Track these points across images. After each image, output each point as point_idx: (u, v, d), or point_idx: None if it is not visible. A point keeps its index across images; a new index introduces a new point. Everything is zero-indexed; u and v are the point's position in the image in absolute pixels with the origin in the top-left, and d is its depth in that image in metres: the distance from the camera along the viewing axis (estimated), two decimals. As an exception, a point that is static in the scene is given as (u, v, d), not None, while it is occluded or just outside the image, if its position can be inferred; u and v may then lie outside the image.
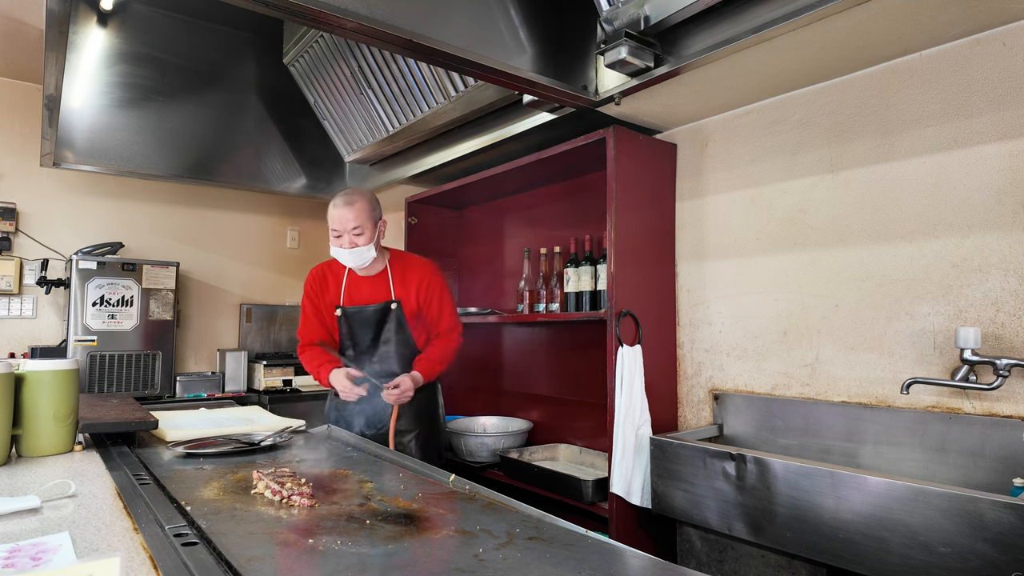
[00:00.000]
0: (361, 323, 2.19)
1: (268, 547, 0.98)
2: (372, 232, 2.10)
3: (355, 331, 2.20)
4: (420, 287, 2.19)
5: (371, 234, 2.09)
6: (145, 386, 3.34)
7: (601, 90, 1.95)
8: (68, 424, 1.61)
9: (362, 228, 2.07)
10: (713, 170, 2.18)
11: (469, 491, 1.33)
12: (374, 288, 2.21)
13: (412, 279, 2.20)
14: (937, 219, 1.65)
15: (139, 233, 3.74)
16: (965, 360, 1.52)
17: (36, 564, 0.87)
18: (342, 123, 2.93)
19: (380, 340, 2.19)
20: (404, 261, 2.25)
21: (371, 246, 2.10)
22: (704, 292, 2.20)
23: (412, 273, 2.21)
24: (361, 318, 2.19)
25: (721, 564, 1.67)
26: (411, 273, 2.21)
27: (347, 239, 2.07)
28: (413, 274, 2.21)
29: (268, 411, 2.30)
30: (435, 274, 2.25)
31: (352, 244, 2.07)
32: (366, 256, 2.11)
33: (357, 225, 2.06)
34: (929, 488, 1.25)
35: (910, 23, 1.53)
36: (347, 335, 2.22)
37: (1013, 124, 1.53)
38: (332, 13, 1.41)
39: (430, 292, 2.20)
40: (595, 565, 0.92)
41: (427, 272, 2.23)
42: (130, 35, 2.93)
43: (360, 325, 2.19)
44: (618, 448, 1.96)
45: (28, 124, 3.41)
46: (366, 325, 2.19)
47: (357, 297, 2.21)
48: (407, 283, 2.20)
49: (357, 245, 2.08)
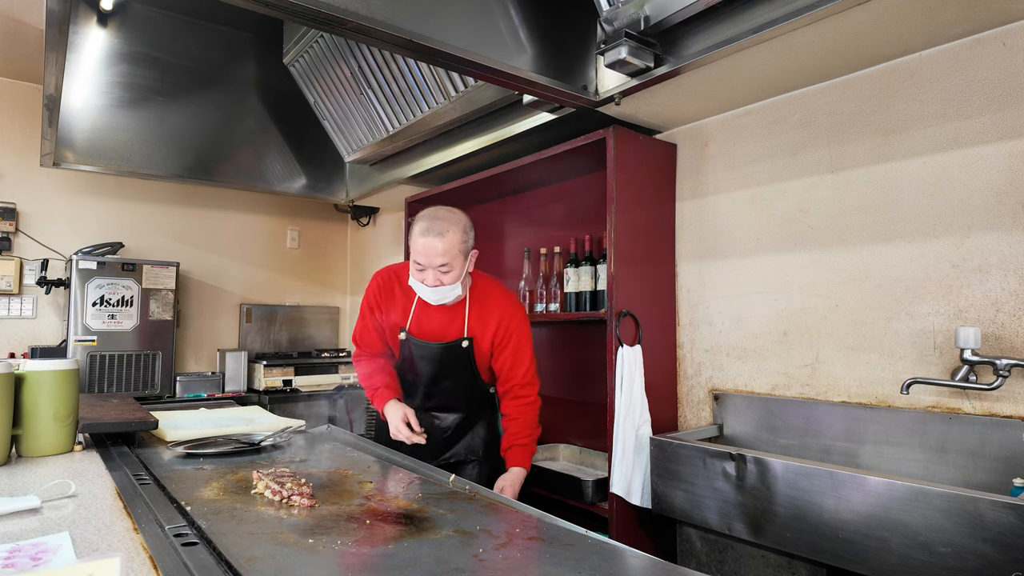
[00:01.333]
0: (425, 355, 1.94)
1: (268, 547, 0.98)
2: (462, 268, 1.80)
3: (416, 361, 1.96)
4: (499, 328, 1.91)
5: (460, 270, 1.80)
6: (145, 386, 3.34)
7: (601, 90, 1.95)
8: (68, 424, 1.61)
9: (451, 265, 1.77)
10: (713, 170, 2.18)
11: (469, 491, 1.33)
12: (447, 320, 1.92)
13: (492, 317, 1.92)
14: (937, 219, 1.65)
15: (139, 233, 3.74)
16: (965, 360, 1.52)
17: (36, 564, 0.87)
18: (342, 123, 2.93)
19: (443, 375, 1.96)
20: (486, 293, 1.96)
21: (459, 284, 1.81)
22: (704, 292, 2.20)
23: (492, 309, 1.93)
24: (426, 351, 1.93)
25: (721, 564, 1.67)
26: (491, 309, 1.93)
27: (431, 275, 1.77)
28: (493, 311, 1.92)
29: (268, 411, 2.30)
30: (516, 314, 1.95)
31: (437, 282, 1.78)
32: (452, 294, 1.82)
33: (446, 262, 1.75)
34: (929, 488, 1.25)
35: (910, 23, 1.53)
36: (407, 361, 1.98)
37: (1013, 124, 1.53)
38: (332, 13, 1.41)
39: (507, 336, 1.92)
40: (595, 565, 0.92)
41: (508, 311, 1.94)
42: (130, 35, 2.93)
43: (423, 357, 1.94)
44: (618, 448, 1.96)
45: (28, 124, 3.41)
46: (430, 358, 1.94)
47: (427, 326, 1.93)
48: (485, 320, 1.92)
49: (443, 284, 1.78)
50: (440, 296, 1.82)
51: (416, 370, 1.97)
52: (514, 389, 1.93)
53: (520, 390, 1.93)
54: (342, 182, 3.72)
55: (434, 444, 1.95)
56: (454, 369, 1.94)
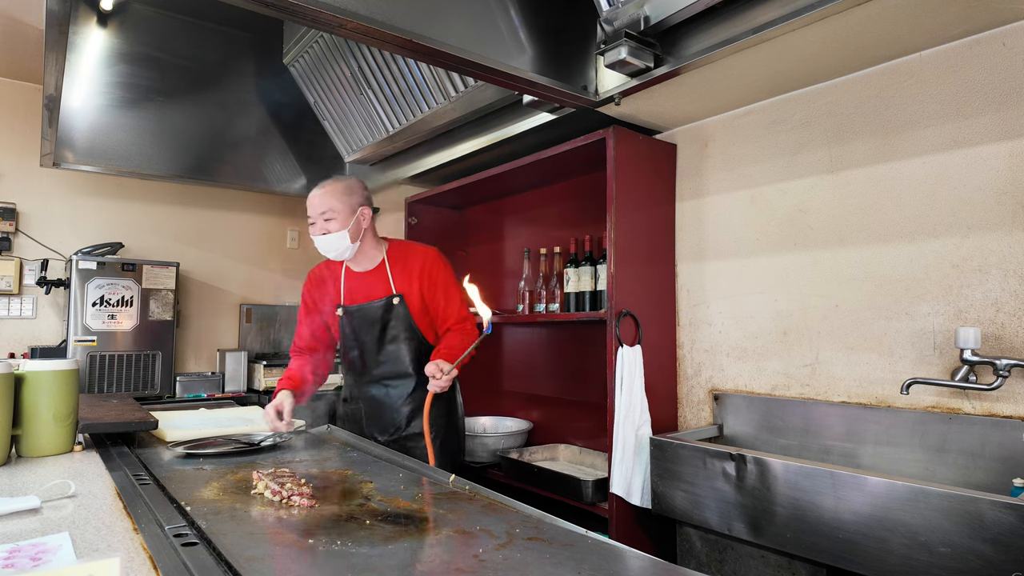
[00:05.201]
0: (363, 322, 2.06)
1: (268, 547, 0.98)
2: (347, 218, 1.96)
3: (358, 331, 2.07)
4: (423, 277, 2.03)
5: (344, 219, 1.95)
6: (145, 386, 3.34)
7: (601, 90, 1.95)
8: (68, 424, 1.61)
9: (332, 212, 1.94)
10: (713, 170, 2.18)
11: (469, 491, 1.33)
12: (372, 283, 2.06)
13: (413, 269, 2.04)
14: (937, 219, 1.65)
15: (139, 233, 3.74)
16: (965, 360, 1.52)
17: (36, 564, 0.87)
18: (342, 123, 2.93)
19: (386, 339, 2.05)
20: (403, 251, 2.10)
21: (345, 233, 1.95)
22: (704, 292, 2.20)
23: (412, 263, 2.05)
24: (363, 317, 2.05)
25: (721, 564, 1.67)
26: (411, 263, 2.05)
27: (319, 225, 1.95)
28: (413, 264, 2.05)
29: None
30: (437, 262, 2.07)
31: (323, 231, 1.95)
32: (340, 245, 1.97)
33: (326, 209, 1.94)
34: (929, 488, 1.25)
35: (910, 23, 1.53)
36: (351, 336, 2.09)
37: (1013, 124, 1.53)
38: (332, 13, 1.41)
39: (433, 282, 2.03)
40: (595, 565, 0.92)
41: (428, 260, 2.06)
42: (130, 35, 2.92)
43: (363, 325, 2.06)
44: (618, 448, 1.96)
45: (28, 124, 3.41)
46: (369, 324, 2.05)
47: (357, 295, 2.08)
48: (408, 274, 2.04)
49: (329, 232, 1.95)
50: (328, 244, 1.97)
51: (359, 339, 2.08)
52: (453, 328, 2.05)
53: (457, 325, 2.05)
54: (342, 182, 3.72)
55: (394, 414, 2.04)
56: (393, 328, 2.04)
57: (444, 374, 1.78)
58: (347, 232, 1.96)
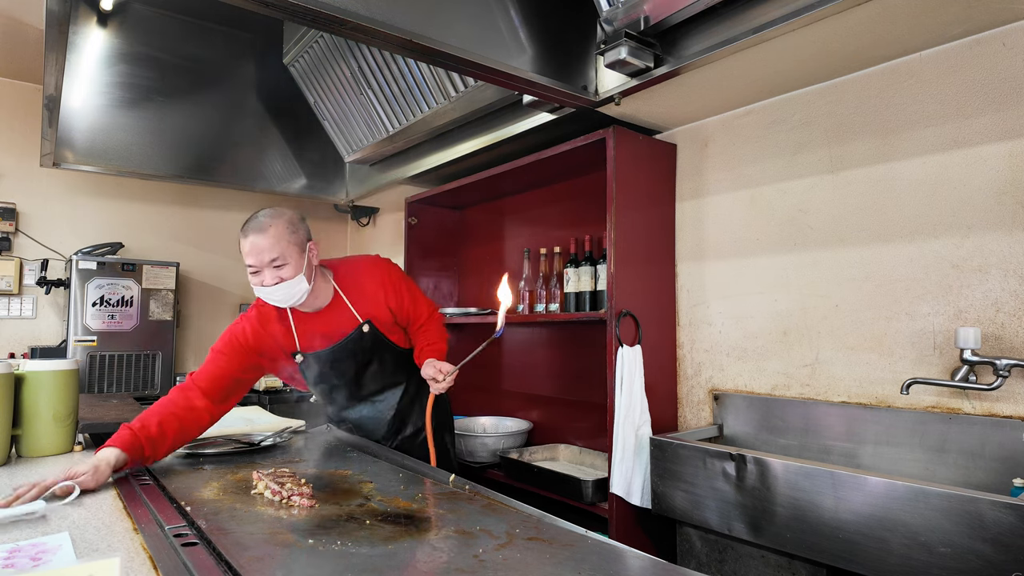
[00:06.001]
0: (337, 360, 1.85)
1: (268, 547, 0.98)
2: (299, 260, 1.66)
3: (333, 368, 1.87)
4: (386, 292, 1.87)
5: (298, 262, 1.65)
6: (145, 386, 3.33)
7: (601, 90, 1.95)
8: (68, 424, 1.61)
9: (283, 257, 1.62)
10: (713, 170, 2.18)
11: (469, 491, 1.33)
12: (330, 320, 1.82)
13: (368, 289, 1.86)
14: (937, 219, 1.65)
15: (139, 233, 3.74)
16: (965, 360, 1.52)
17: (36, 564, 0.87)
18: (342, 123, 2.93)
19: (366, 365, 1.90)
20: (351, 274, 1.88)
21: (301, 278, 1.66)
22: (704, 292, 2.20)
23: (366, 282, 1.87)
24: (335, 356, 1.84)
25: (721, 564, 1.67)
26: (364, 283, 1.87)
27: (269, 275, 1.62)
28: (367, 283, 1.87)
29: (268, 411, 2.30)
30: (391, 271, 1.93)
31: (276, 279, 1.63)
32: (298, 291, 1.68)
33: (276, 256, 1.61)
34: (929, 488, 1.25)
35: (910, 23, 1.53)
36: (322, 374, 1.87)
37: (1013, 124, 1.53)
38: (332, 13, 1.41)
39: (398, 291, 1.89)
40: (595, 565, 0.92)
41: (382, 273, 1.90)
42: (130, 35, 2.92)
43: (336, 362, 1.86)
44: (618, 448, 1.96)
45: (28, 124, 3.41)
46: (345, 359, 1.86)
47: (316, 337, 1.82)
48: (366, 296, 1.85)
49: (283, 279, 1.63)
50: (285, 294, 1.66)
51: (337, 372, 1.88)
52: (425, 323, 1.97)
53: (428, 322, 1.97)
54: (342, 182, 3.72)
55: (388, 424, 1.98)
56: (370, 353, 1.88)
57: (445, 374, 1.69)
58: (303, 276, 1.67)
